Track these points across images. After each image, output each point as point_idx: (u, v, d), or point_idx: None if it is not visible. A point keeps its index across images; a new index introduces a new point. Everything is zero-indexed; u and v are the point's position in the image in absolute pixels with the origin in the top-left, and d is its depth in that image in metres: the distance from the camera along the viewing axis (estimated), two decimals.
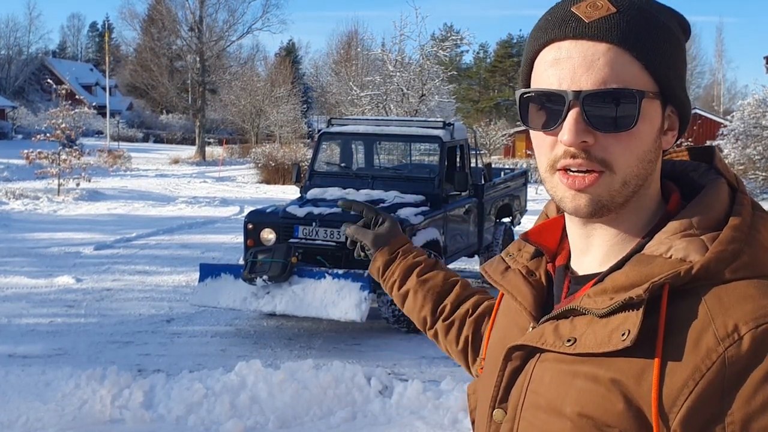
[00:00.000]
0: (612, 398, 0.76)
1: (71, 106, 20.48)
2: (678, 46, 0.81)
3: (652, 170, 0.82)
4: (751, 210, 0.81)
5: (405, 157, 9.29)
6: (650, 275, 0.76)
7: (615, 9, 0.78)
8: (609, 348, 0.76)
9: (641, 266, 0.78)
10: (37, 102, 47.77)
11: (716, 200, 0.82)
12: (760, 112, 15.45)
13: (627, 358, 0.75)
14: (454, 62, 32.92)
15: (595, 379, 0.77)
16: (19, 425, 4.25)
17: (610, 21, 0.77)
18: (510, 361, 0.87)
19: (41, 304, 7.41)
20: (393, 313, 6.53)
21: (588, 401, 0.77)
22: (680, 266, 0.76)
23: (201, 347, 6.16)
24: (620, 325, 0.76)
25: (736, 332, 0.72)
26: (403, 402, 4.61)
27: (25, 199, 15.99)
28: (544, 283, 0.91)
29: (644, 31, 0.78)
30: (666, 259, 0.77)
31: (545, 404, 0.81)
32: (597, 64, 0.77)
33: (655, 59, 0.78)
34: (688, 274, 0.75)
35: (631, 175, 0.80)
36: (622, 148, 0.78)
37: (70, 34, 78.65)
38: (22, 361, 5.54)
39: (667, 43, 0.80)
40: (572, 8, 0.80)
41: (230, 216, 14.50)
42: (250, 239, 6.78)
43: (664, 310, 0.75)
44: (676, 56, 0.81)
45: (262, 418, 4.40)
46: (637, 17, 0.78)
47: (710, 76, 56.54)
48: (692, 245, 0.77)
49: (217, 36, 39.54)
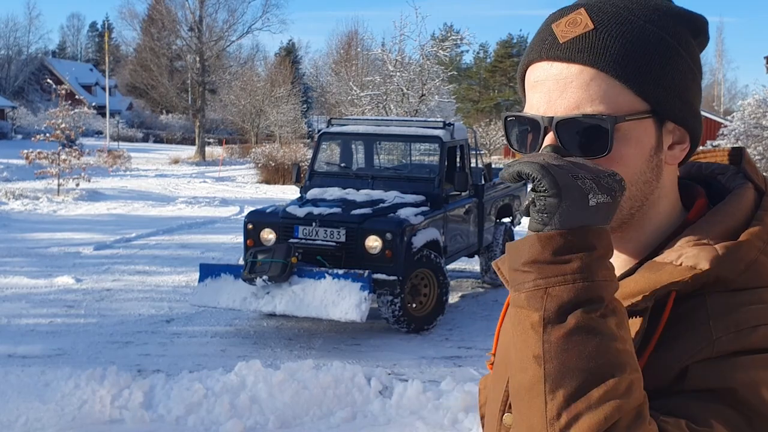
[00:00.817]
0: None
1: (71, 106, 20.49)
2: (673, 56, 0.76)
3: (650, 190, 0.79)
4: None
5: (405, 157, 9.29)
6: (658, 282, 0.75)
7: (592, 26, 0.74)
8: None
9: (650, 273, 0.76)
10: (36, 102, 47.76)
11: (737, 208, 0.79)
12: (761, 112, 15.44)
13: None
14: (454, 62, 32.94)
15: None
16: (18, 425, 4.25)
17: (584, 41, 0.74)
18: None
19: (41, 304, 7.40)
20: (393, 314, 6.53)
21: None
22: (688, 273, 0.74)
23: (201, 347, 6.16)
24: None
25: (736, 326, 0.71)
26: (403, 402, 4.61)
27: (24, 199, 15.99)
28: None
29: (624, 48, 0.73)
30: (676, 267, 0.75)
31: None
32: (570, 87, 0.74)
33: (638, 77, 0.74)
34: (695, 281, 0.73)
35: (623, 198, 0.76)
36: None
37: (70, 34, 78.75)
38: (21, 362, 5.54)
39: (656, 58, 0.74)
40: (552, 25, 0.77)
41: (230, 216, 14.50)
42: (250, 239, 6.78)
43: (666, 314, 0.74)
44: (670, 68, 0.75)
45: (261, 419, 4.40)
46: (616, 33, 0.74)
47: (710, 76, 56.55)
48: (703, 253, 0.74)
49: (217, 36, 39.55)
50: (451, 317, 7.18)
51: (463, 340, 6.56)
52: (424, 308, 6.77)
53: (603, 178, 0.69)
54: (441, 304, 6.80)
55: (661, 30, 0.76)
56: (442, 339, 6.60)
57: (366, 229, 6.44)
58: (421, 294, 6.78)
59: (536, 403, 0.65)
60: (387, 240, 6.36)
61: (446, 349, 6.31)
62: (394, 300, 6.45)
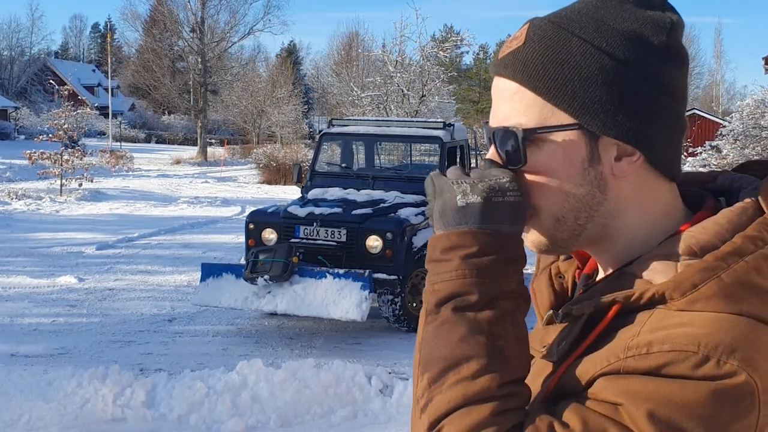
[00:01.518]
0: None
1: (73, 106, 20.55)
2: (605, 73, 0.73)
3: (596, 203, 0.76)
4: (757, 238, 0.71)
5: (405, 158, 9.32)
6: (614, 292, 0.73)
7: (523, 41, 0.76)
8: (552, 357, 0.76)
9: (615, 282, 0.75)
10: (39, 103, 47.81)
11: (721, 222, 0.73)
12: (759, 113, 15.44)
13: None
14: (454, 63, 32.93)
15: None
16: (21, 424, 4.27)
17: (514, 56, 0.76)
18: None
19: (43, 303, 7.44)
20: (393, 313, 6.55)
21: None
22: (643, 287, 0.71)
23: (202, 346, 6.19)
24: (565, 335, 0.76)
25: (647, 347, 0.67)
26: (404, 401, 4.63)
27: (27, 199, 16.03)
28: (569, 288, 0.88)
29: (542, 64, 0.74)
30: (637, 279, 0.73)
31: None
32: (501, 100, 0.77)
33: (557, 92, 0.73)
34: (639, 298, 0.71)
35: (562, 210, 0.76)
36: (537, 186, 0.76)
37: (73, 35, 78.84)
38: (24, 361, 5.57)
39: (575, 73, 0.73)
40: (506, 40, 0.81)
41: (232, 216, 14.52)
42: (252, 239, 6.81)
43: (603, 323, 0.72)
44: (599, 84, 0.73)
45: (263, 417, 4.43)
46: (539, 49, 0.74)
47: (709, 76, 56.51)
48: (664, 268, 0.72)
49: (219, 37, 39.57)
50: None
51: None
52: None
53: (484, 182, 0.73)
54: None
55: (598, 47, 0.74)
56: None
57: (367, 228, 6.47)
58: (421, 293, 6.76)
59: (414, 383, 0.74)
60: (387, 240, 6.39)
61: None
62: (395, 299, 6.48)
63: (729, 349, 0.65)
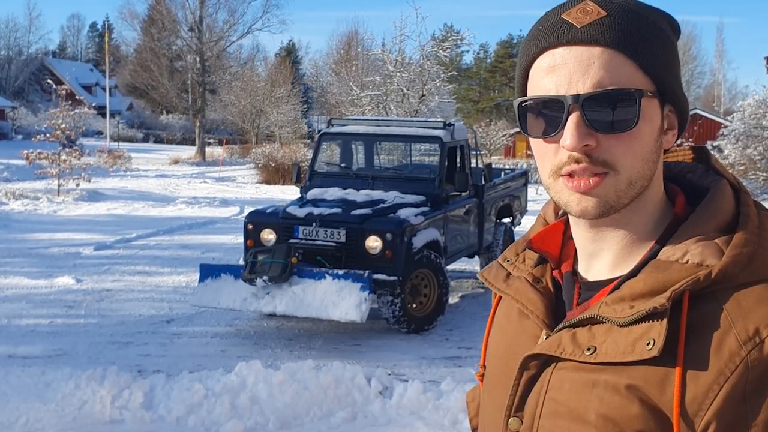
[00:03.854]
0: (632, 406, 0.75)
1: (71, 106, 20.48)
2: (671, 45, 0.82)
3: (655, 170, 0.82)
4: (756, 210, 0.82)
5: (405, 158, 9.30)
6: (669, 282, 0.76)
7: (605, 12, 0.79)
8: (634, 357, 0.76)
9: (658, 273, 0.78)
10: (37, 102, 47.77)
11: (723, 202, 0.82)
12: (761, 113, 15.45)
13: (649, 366, 0.75)
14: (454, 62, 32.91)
15: (616, 387, 0.77)
16: (18, 426, 4.25)
17: (602, 24, 0.78)
18: (527, 369, 0.86)
19: (41, 304, 7.41)
20: (393, 314, 6.53)
21: (610, 408, 0.77)
22: (698, 271, 0.76)
23: (201, 348, 6.16)
24: (644, 334, 0.76)
25: (758, 336, 0.72)
26: (404, 402, 4.61)
27: (25, 199, 16.00)
28: (552, 290, 0.90)
29: (636, 32, 0.78)
30: (683, 265, 0.77)
31: (566, 412, 0.81)
32: (593, 67, 0.77)
33: (650, 59, 0.79)
34: (707, 279, 0.75)
35: (636, 175, 0.79)
36: (624, 149, 0.78)
37: (70, 34, 78.72)
38: (22, 362, 5.54)
39: (659, 43, 0.80)
40: (563, 15, 0.81)
41: (230, 216, 14.50)
42: (250, 240, 6.78)
43: (685, 317, 0.75)
44: (670, 55, 0.81)
45: (262, 419, 4.40)
46: (628, 19, 0.79)
47: (711, 76, 56.57)
48: (708, 249, 0.77)
49: (217, 36, 39.54)
50: (451, 317, 7.18)
51: (463, 341, 6.56)
52: (424, 308, 6.77)
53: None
54: (441, 304, 6.80)
55: (658, 21, 0.82)
56: (442, 339, 6.60)
57: (366, 229, 6.44)
58: (421, 294, 6.78)
59: None
60: (387, 240, 6.37)
61: (446, 349, 6.32)
62: (395, 300, 6.45)
63: None
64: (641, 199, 0.82)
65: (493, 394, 0.93)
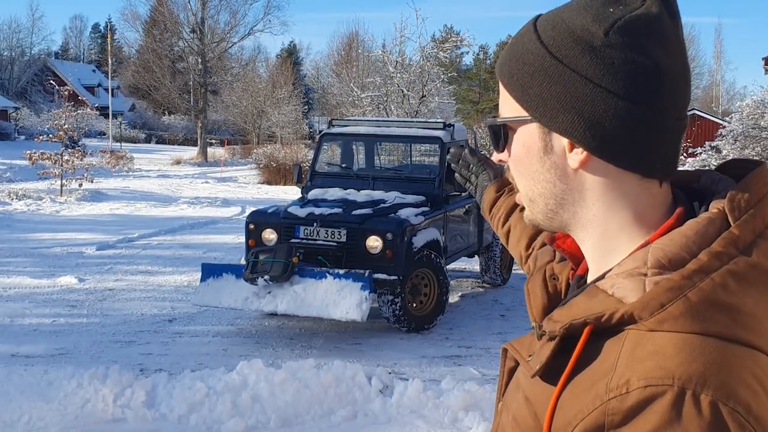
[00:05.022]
0: (529, 417, 0.79)
1: (74, 107, 20.53)
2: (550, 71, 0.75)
3: (559, 190, 0.79)
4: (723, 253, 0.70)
5: (405, 158, 9.32)
6: (587, 310, 0.74)
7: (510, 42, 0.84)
8: (532, 371, 0.78)
9: (587, 298, 0.75)
10: (39, 103, 47.80)
11: (688, 234, 0.72)
12: (759, 113, 15.44)
13: (543, 384, 0.77)
14: (454, 63, 32.91)
15: (524, 396, 0.81)
16: (21, 424, 4.28)
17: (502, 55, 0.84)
18: (506, 359, 0.90)
19: (44, 304, 7.44)
20: (393, 313, 6.55)
21: (519, 414, 0.81)
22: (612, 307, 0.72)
23: (203, 347, 6.19)
24: (542, 352, 0.78)
25: (627, 386, 0.67)
26: (404, 401, 4.63)
27: (27, 199, 16.03)
28: (563, 290, 0.90)
29: (509, 62, 0.81)
30: (608, 297, 0.73)
31: (512, 409, 0.85)
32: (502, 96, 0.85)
33: (516, 88, 0.80)
34: (609, 319, 0.71)
35: (533, 193, 0.82)
36: (513, 170, 0.86)
37: (73, 35, 78.78)
38: (24, 361, 5.57)
39: (527, 71, 0.77)
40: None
41: (232, 216, 14.53)
42: (252, 239, 6.81)
43: (578, 349, 0.73)
44: (547, 81, 0.76)
45: (263, 417, 4.43)
46: (510, 48, 0.82)
47: (709, 77, 56.47)
48: (633, 285, 0.71)
49: (219, 37, 39.56)
50: (451, 317, 7.20)
51: (463, 340, 6.59)
52: (424, 308, 6.80)
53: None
54: (441, 303, 6.83)
55: (544, 45, 0.77)
56: (443, 338, 6.62)
57: (367, 229, 6.47)
58: (421, 294, 6.80)
59: None
60: (388, 240, 6.39)
61: (446, 348, 6.34)
62: (395, 300, 6.48)
63: (702, 379, 0.65)
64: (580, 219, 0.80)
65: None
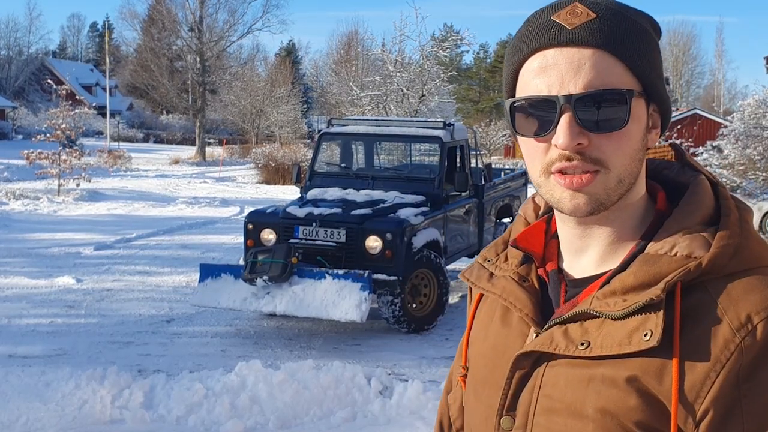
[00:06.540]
0: (631, 397, 0.77)
1: (71, 106, 20.47)
2: (655, 46, 0.84)
3: (640, 169, 0.84)
4: (734, 203, 0.85)
5: (405, 158, 9.30)
6: (659, 274, 0.79)
7: (595, 15, 0.81)
8: (631, 349, 0.77)
9: (648, 266, 0.80)
10: (37, 102, 47.77)
11: (704, 197, 0.85)
12: (761, 113, 15.44)
13: (645, 358, 0.77)
14: (454, 62, 32.92)
15: (613, 380, 0.78)
16: (19, 425, 4.25)
17: (592, 26, 0.80)
18: (519, 368, 0.86)
19: (41, 304, 7.41)
20: (393, 314, 6.53)
21: (609, 401, 0.78)
22: (688, 263, 0.78)
23: (201, 348, 6.16)
24: (640, 325, 0.78)
25: (750, 322, 0.75)
26: (403, 402, 4.61)
27: (25, 199, 16.00)
28: (538, 289, 0.91)
29: (624, 34, 0.80)
30: (672, 257, 0.79)
31: (562, 408, 0.81)
32: (584, 68, 0.79)
33: (637, 60, 0.81)
34: (698, 270, 0.78)
35: (625, 173, 0.82)
36: (615, 147, 0.80)
37: (71, 34, 78.73)
38: (22, 362, 5.54)
39: (645, 44, 0.82)
40: (553, 17, 0.82)
41: (230, 216, 14.50)
42: (251, 239, 6.78)
43: (679, 307, 0.77)
44: (655, 56, 0.83)
45: (262, 419, 4.41)
46: (616, 21, 0.81)
47: (710, 76, 56.63)
48: (695, 242, 0.80)
49: (218, 36, 39.53)
50: (451, 317, 7.18)
51: None
52: (424, 308, 6.78)
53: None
54: (441, 304, 6.81)
55: (644, 23, 0.84)
56: (442, 339, 6.60)
57: (366, 229, 6.45)
58: (421, 294, 6.78)
59: None
60: (387, 240, 6.37)
61: (446, 349, 6.32)
62: (395, 300, 6.46)
63: None
64: (627, 196, 0.84)
65: (481, 395, 0.92)
